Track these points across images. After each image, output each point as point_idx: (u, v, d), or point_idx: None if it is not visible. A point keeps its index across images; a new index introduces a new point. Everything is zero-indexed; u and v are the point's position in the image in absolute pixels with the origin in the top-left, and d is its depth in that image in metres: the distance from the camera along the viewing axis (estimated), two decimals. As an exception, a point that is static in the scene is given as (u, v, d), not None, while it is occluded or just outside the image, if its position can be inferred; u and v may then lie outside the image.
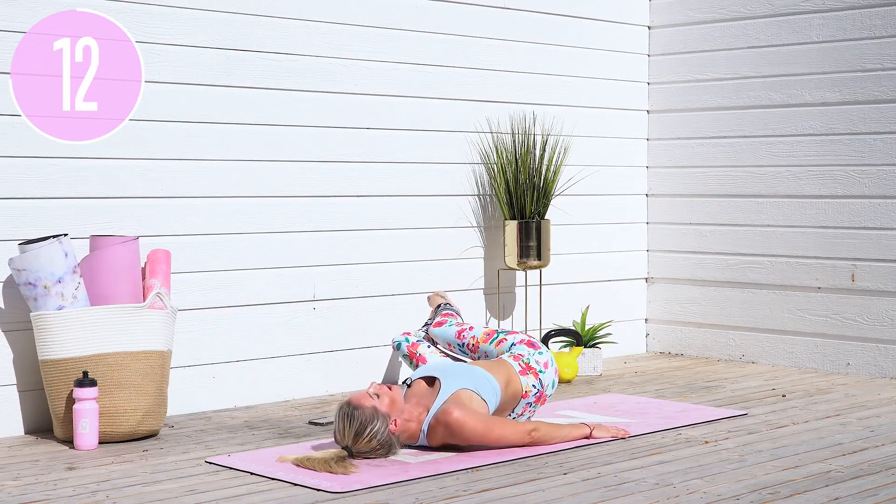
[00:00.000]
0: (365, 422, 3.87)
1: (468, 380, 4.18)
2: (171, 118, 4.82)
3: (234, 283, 5.01)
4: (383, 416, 3.90)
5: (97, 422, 4.19)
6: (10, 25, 4.39)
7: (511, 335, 4.67)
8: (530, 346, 4.56)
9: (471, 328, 4.83)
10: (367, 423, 3.87)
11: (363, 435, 3.87)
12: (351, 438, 3.88)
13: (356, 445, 3.88)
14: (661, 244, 6.55)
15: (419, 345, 4.96)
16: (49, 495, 3.54)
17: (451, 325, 4.90)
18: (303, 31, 5.17)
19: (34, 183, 4.48)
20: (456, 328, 4.87)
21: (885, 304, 5.70)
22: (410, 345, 4.97)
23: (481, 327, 4.83)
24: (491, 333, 4.73)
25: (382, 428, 3.89)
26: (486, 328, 4.81)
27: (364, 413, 3.88)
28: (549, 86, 6.10)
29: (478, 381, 4.20)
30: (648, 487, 3.60)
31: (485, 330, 4.79)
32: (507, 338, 4.66)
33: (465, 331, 4.83)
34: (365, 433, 3.87)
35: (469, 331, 4.81)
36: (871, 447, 4.15)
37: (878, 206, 5.72)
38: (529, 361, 4.43)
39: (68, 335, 4.23)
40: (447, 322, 4.95)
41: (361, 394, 3.98)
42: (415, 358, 4.93)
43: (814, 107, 5.93)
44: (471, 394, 4.13)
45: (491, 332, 4.74)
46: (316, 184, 5.24)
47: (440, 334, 4.91)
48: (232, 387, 5.00)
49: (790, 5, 5.99)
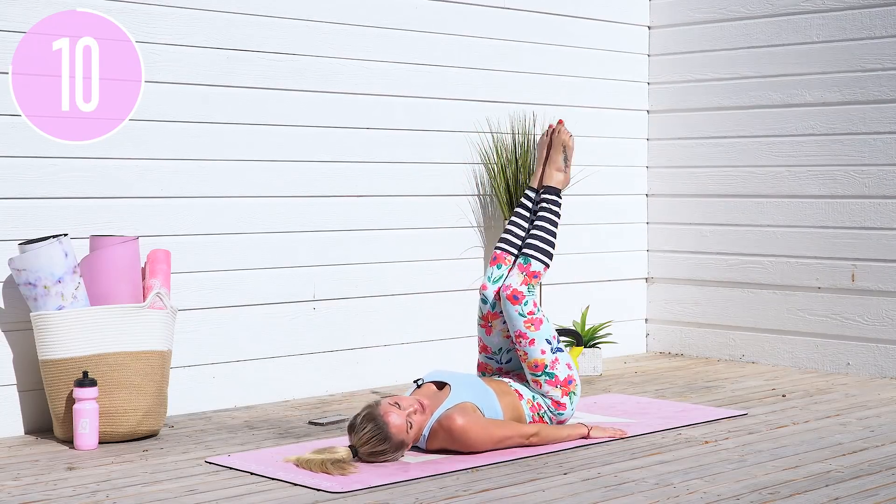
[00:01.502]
0: (382, 437, 3.85)
1: (477, 397, 4.17)
2: (171, 118, 4.82)
3: (234, 283, 5.01)
4: (401, 442, 3.89)
5: (97, 422, 4.19)
6: (10, 25, 4.39)
7: (549, 385, 4.35)
8: (555, 406, 4.35)
9: (532, 340, 4.33)
10: (389, 451, 3.87)
11: (378, 454, 3.87)
12: (366, 450, 3.86)
13: (365, 454, 3.87)
14: (661, 244, 6.56)
15: (498, 317, 4.45)
16: (49, 495, 3.54)
17: (522, 315, 4.34)
18: (303, 31, 5.17)
19: (34, 183, 4.48)
20: (523, 324, 4.33)
21: (885, 304, 5.70)
22: (493, 313, 4.46)
23: (543, 341, 4.34)
24: (539, 367, 4.33)
25: (398, 455, 3.91)
26: (545, 350, 4.33)
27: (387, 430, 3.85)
28: (549, 86, 6.10)
29: (486, 402, 4.18)
30: (648, 487, 3.60)
31: (538, 356, 4.33)
32: (543, 385, 4.34)
33: (526, 339, 4.34)
34: (379, 454, 3.87)
35: (529, 344, 4.33)
36: (871, 447, 4.15)
37: (878, 206, 5.72)
38: (544, 416, 4.35)
39: (68, 335, 4.22)
40: (523, 301, 4.35)
41: (398, 411, 3.90)
42: (486, 325, 4.50)
43: (814, 107, 5.93)
44: (475, 408, 4.12)
45: (539, 366, 4.33)
46: (316, 184, 5.24)
47: (509, 315, 4.36)
48: (232, 387, 5.00)
49: (790, 5, 5.99)
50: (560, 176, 4.64)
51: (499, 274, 4.52)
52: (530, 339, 4.34)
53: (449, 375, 4.24)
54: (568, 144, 4.65)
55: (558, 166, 4.64)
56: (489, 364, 4.56)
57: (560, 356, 4.36)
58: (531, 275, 4.42)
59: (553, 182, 4.62)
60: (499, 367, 4.54)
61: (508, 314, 4.37)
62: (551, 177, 4.64)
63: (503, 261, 4.55)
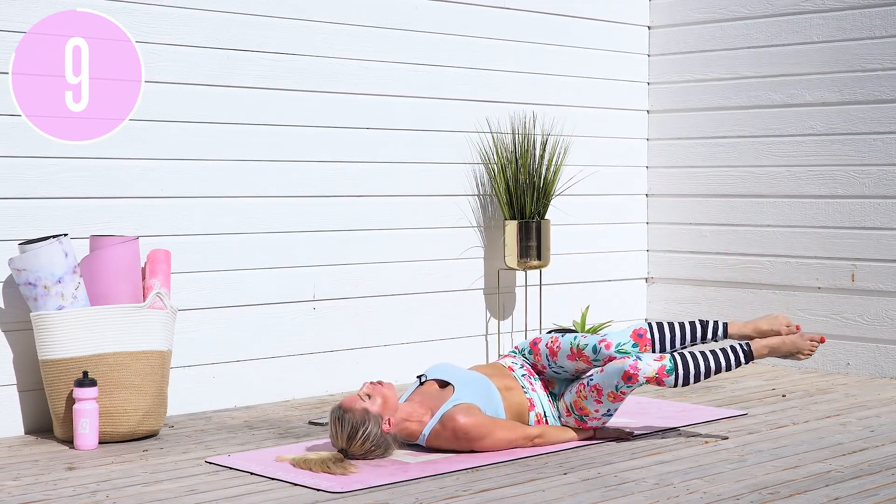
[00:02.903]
0: (356, 425, 3.87)
1: (480, 397, 4.15)
2: (171, 118, 4.82)
3: (234, 283, 5.01)
4: (375, 416, 3.90)
5: (97, 422, 4.19)
6: (10, 25, 4.39)
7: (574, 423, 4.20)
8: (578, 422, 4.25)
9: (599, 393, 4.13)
10: (359, 426, 3.88)
11: (356, 438, 3.87)
12: (344, 441, 3.89)
13: (351, 448, 3.89)
14: (661, 244, 6.55)
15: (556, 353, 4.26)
16: (49, 495, 3.54)
17: (631, 388, 4.11)
18: (303, 31, 5.17)
19: (34, 183, 4.48)
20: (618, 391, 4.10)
21: (885, 304, 5.70)
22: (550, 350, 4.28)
23: (614, 406, 4.16)
24: (583, 410, 4.17)
25: (375, 429, 3.89)
26: (601, 409, 4.15)
27: (354, 416, 3.89)
28: (549, 86, 6.10)
29: (489, 403, 4.17)
30: (648, 487, 3.60)
31: (592, 411, 4.16)
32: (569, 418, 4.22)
33: (600, 394, 4.12)
34: (357, 436, 3.87)
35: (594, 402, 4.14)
36: (871, 447, 4.15)
37: (878, 206, 5.72)
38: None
39: (68, 335, 4.22)
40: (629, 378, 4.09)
41: (352, 396, 3.99)
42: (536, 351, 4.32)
43: (814, 107, 5.93)
44: (477, 409, 4.10)
45: (584, 410, 4.17)
46: (316, 184, 5.24)
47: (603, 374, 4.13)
48: (232, 387, 5.00)
49: (790, 5, 5.99)
50: (764, 354, 4.26)
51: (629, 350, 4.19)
52: (599, 401, 4.14)
53: (452, 374, 4.22)
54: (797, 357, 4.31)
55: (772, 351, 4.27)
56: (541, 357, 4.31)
57: (605, 418, 4.21)
58: (659, 381, 4.11)
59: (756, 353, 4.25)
60: (544, 366, 4.31)
61: (608, 377, 4.09)
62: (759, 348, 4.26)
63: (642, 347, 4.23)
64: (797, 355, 4.30)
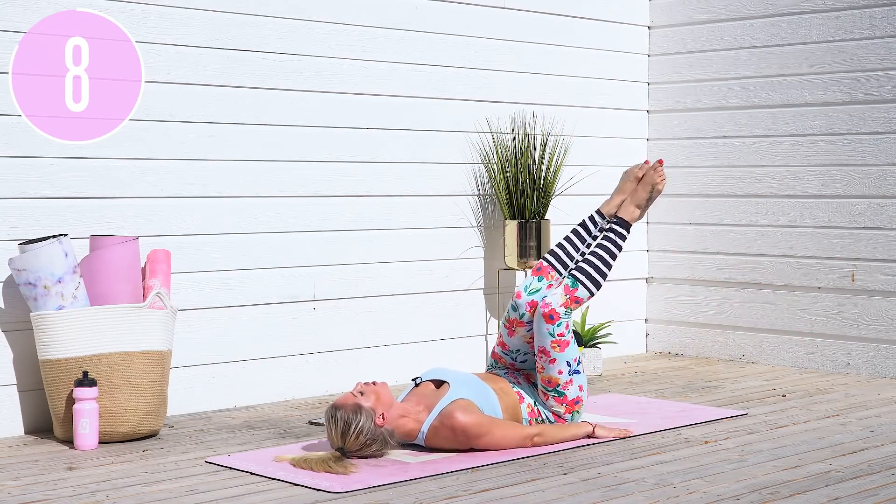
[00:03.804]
0: (349, 419, 3.88)
1: (477, 395, 4.17)
2: (171, 118, 4.82)
3: (234, 283, 5.01)
4: (367, 410, 3.91)
5: (97, 422, 4.19)
6: (10, 25, 4.39)
7: (556, 402, 4.30)
8: (556, 418, 4.34)
9: (553, 359, 4.26)
10: (351, 420, 3.88)
11: (349, 433, 3.88)
12: (339, 438, 3.89)
13: (346, 444, 3.89)
14: (661, 244, 6.55)
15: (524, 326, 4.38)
16: (49, 495, 3.54)
17: (552, 335, 4.26)
18: (303, 31, 5.17)
19: (34, 183, 4.48)
20: (549, 344, 4.26)
21: (885, 304, 5.70)
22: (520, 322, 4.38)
23: (563, 363, 4.26)
24: (552, 383, 4.29)
25: (367, 422, 3.90)
26: (562, 371, 4.27)
27: (346, 411, 3.90)
28: (549, 86, 6.10)
29: (485, 401, 4.18)
30: (648, 487, 3.60)
31: (555, 375, 4.27)
32: (550, 399, 4.31)
33: (547, 357, 4.27)
34: (350, 430, 3.88)
35: (549, 363, 4.26)
36: (871, 447, 4.15)
37: (878, 206, 5.72)
38: (542, 423, 4.37)
39: (68, 335, 4.23)
40: (556, 322, 4.26)
41: (345, 394, 4.00)
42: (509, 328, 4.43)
43: (814, 107, 5.93)
44: (474, 405, 4.11)
45: (552, 383, 4.29)
46: (316, 184, 5.24)
47: (538, 331, 4.28)
48: (232, 387, 5.00)
49: (790, 5, 5.99)
50: (637, 213, 4.59)
51: (537, 287, 4.42)
52: (552, 359, 4.29)
53: (447, 374, 4.24)
54: (658, 188, 4.61)
55: (639, 203, 4.60)
56: (504, 358, 4.51)
57: (575, 378, 4.32)
58: (574, 299, 4.34)
59: (628, 216, 4.57)
60: (511, 362, 4.51)
61: (539, 330, 4.29)
62: (628, 211, 4.59)
63: (546, 275, 4.48)
64: (653, 190, 4.60)
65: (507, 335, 4.44)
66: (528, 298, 4.37)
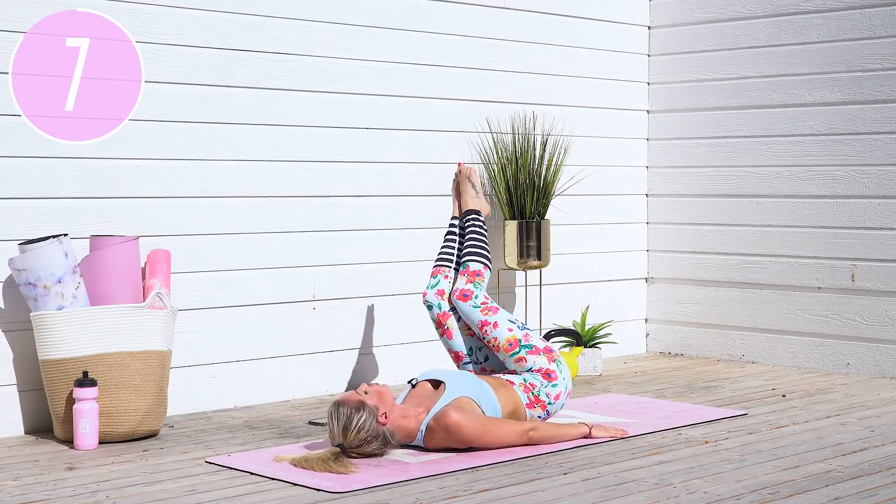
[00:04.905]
0: (351, 415, 3.89)
1: (474, 391, 4.18)
2: (171, 118, 4.82)
3: (234, 283, 5.01)
4: (370, 408, 3.92)
5: (97, 422, 4.19)
6: (10, 25, 4.39)
7: (532, 355, 4.47)
8: (546, 378, 4.42)
9: (495, 322, 4.53)
10: (353, 416, 3.90)
11: (351, 428, 3.88)
12: (340, 434, 3.89)
13: (347, 440, 3.89)
14: (661, 244, 6.56)
15: (450, 316, 4.69)
16: (49, 495, 3.54)
17: (476, 306, 4.59)
18: (303, 31, 5.17)
19: (34, 183, 4.48)
20: (480, 314, 4.57)
21: (885, 304, 5.70)
22: (442, 313, 4.68)
23: (506, 321, 4.54)
24: (514, 344, 4.49)
25: (369, 419, 3.91)
26: (511, 328, 4.52)
27: (349, 407, 3.91)
28: (549, 86, 6.10)
29: (483, 396, 4.20)
30: (648, 487, 3.60)
31: (508, 335, 4.50)
32: (527, 358, 4.46)
33: (489, 325, 4.53)
34: (352, 426, 3.88)
35: (493, 328, 4.51)
36: (871, 447, 4.15)
37: (878, 206, 5.72)
38: (540, 394, 4.40)
39: (68, 335, 4.23)
40: (472, 295, 4.62)
41: (349, 392, 4.03)
42: (442, 328, 4.68)
43: (814, 107, 5.93)
44: (473, 403, 4.13)
45: (514, 343, 4.49)
46: (316, 184, 5.24)
47: (465, 312, 4.60)
48: (232, 387, 5.00)
49: (790, 5, 5.99)
50: (477, 202, 4.99)
51: (434, 282, 4.76)
52: (493, 323, 4.53)
53: (444, 374, 4.26)
54: (471, 176, 5.01)
55: (471, 195, 5.00)
56: (469, 367, 4.67)
57: (529, 332, 4.53)
58: (473, 273, 4.72)
59: (471, 206, 4.97)
60: (481, 367, 4.65)
61: (465, 312, 4.61)
62: (468, 203, 4.98)
63: (439, 273, 4.81)
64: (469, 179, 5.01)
65: (448, 339, 4.68)
66: (433, 290, 4.73)
